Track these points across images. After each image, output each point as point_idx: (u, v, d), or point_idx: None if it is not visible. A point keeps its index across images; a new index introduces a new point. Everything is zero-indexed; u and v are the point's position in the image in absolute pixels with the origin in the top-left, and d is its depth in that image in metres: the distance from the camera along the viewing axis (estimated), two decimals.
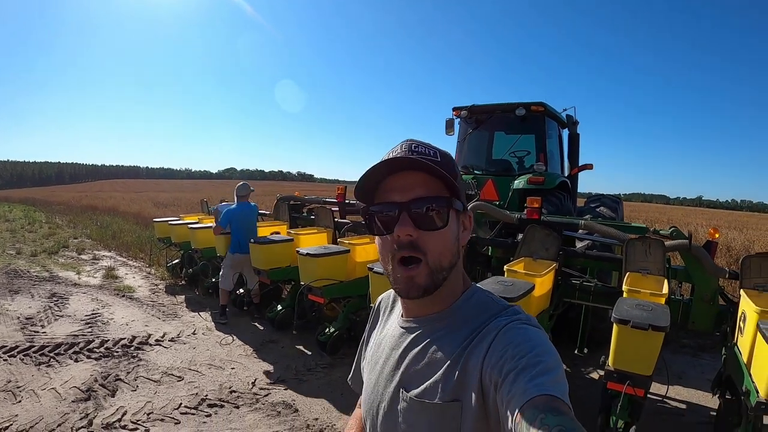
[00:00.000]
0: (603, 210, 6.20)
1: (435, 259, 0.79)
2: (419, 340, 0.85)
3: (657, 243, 3.82)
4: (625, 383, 2.77)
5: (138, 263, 8.92)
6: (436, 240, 0.79)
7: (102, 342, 4.60)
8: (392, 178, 0.81)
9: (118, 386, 3.75)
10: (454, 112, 7.06)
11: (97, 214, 17.06)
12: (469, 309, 0.85)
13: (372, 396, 0.91)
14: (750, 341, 2.89)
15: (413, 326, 0.88)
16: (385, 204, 0.80)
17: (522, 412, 0.62)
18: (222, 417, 3.37)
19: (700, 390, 4.23)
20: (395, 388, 0.85)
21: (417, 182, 0.79)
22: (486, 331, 0.78)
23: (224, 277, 5.62)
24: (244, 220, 5.55)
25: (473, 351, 0.77)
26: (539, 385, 0.64)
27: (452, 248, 0.82)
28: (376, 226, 0.82)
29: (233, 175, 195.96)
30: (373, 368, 0.93)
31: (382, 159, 0.81)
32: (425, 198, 0.78)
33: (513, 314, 0.81)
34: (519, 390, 0.65)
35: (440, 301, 0.85)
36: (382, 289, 3.60)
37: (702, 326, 3.88)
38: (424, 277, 0.79)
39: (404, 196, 0.79)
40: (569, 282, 4.39)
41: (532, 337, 0.74)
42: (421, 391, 0.80)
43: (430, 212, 0.78)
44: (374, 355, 0.95)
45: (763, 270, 3.45)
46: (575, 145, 7.06)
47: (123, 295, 6.43)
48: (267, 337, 5.05)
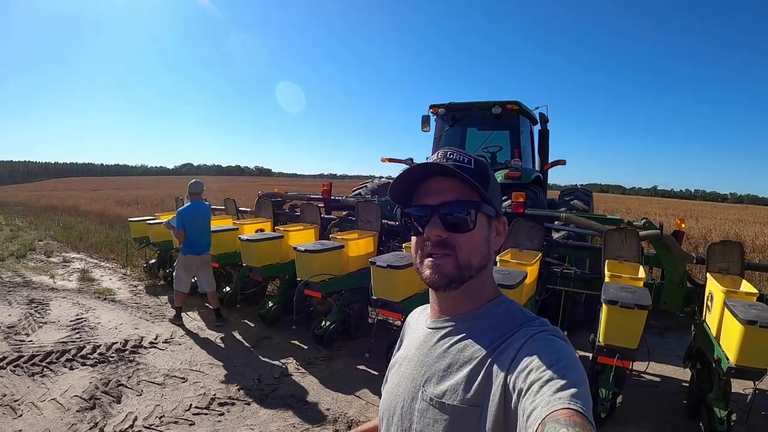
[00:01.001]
0: (577, 203, 6.59)
1: (464, 256, 0.83)
2: (445, 340, 0.87)
3: (632, 233, 4.17)
4: (614, 356, 3.09)
5: (111, 265, 8.70)
6: (465, 240, 0.83)
7: (94, 348, 4.53)
8: (427, 182, 0.87)
9: (122, 392, 3.72)
10: (430, 110, 7.28)
11: (58, 215, 16.34)
12: (497, 316, 0.86)
13: (392, 395, 0.92)
14: (718, 317, 3.27)
15: (440, 326, 0.90)
16: (419, 207, 0.86)
17: (543, 424, 0.62)
18: (235, 415, 3.46)
19: (670, 365, 4.64)
20: (416, 386, 0.86)
21: (448, 187, 0.84)
22: (513, 339, 0.79)
23: (178, 278, 5.42)
24: (198, 220, 5.32)
25: (499, 357, 0.78)
26: (563, 398, 0.64)
27: (482, 249, 0.85)
28: (413, 226, 0.87)
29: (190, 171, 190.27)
30: (398, 369, 0.95)
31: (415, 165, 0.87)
32: (454, 202, 0.83)
33: (541, 325, 0.82)
34: (542, 401, 0.65)
35: (469, 302, 0.88)
36: (384, 282, 3.81)
37: (672, 306, 4.28)
38: (451, 267, 0.82)
39: (435, 199, 0.84)
40: (551, 270, 4.71)
41: (559, 349, 0.75)
42: (442, 391, 0.81)
43: (458, 215, 0.83)
44: (399, 358, 0.98)
45: (726, 255, 3.86)
46: (545, 141, 7.40)
47: (104, 298, 6.30)
48: (261, 334, 5.13)
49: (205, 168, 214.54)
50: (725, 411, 3.09)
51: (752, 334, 2.72)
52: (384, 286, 3.92)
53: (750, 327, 2.71)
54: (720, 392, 3.23)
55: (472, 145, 7.39)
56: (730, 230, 12.54)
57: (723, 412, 3.09)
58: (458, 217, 0.83)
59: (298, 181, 67.06)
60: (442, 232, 0.82)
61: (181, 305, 5.51)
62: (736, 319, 2.80)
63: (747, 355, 2.77)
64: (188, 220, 5.24)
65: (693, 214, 20.27)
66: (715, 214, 23.31)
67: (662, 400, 3.94)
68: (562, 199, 6.84)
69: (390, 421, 0.90)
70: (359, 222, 5.59)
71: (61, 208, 18.12)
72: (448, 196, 0.84)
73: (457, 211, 0.83)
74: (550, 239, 4.91)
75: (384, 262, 3.86)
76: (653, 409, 3.76)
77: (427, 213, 0.85)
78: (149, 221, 7.14)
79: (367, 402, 3.72)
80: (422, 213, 0.86)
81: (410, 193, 0.89)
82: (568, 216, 4.69)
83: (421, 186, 0.88)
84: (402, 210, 0.91)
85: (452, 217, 0.83)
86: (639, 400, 3.87)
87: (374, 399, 3.76)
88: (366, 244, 5.28)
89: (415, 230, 0.87)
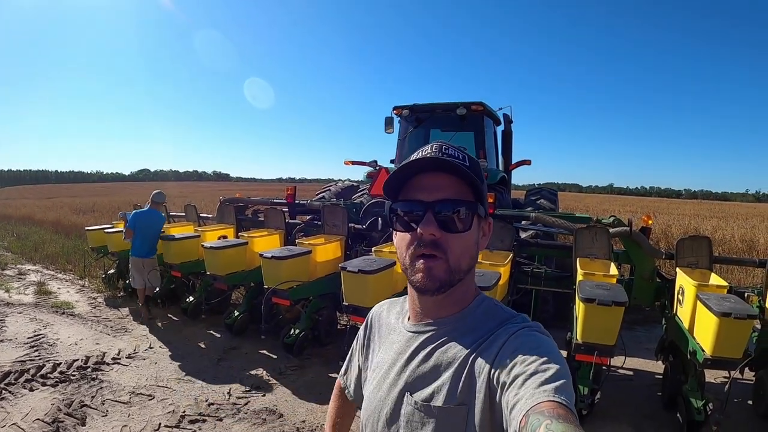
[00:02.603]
0: (543, 202, 6.67)
1: (455, 260, 0.79)
2: (427, 344, 0.85)
3: (602, 231, 4.22)
4: (593, 354, 3.09)
5: (68, 276, 8.27)
6: (457, 242, 0.80)
7: (54, 366, 4.25)
8: (421, 177, 0.81)
9: (87, 413, 3.48)
10: (394, 111, 7.24)
11: (12, 224, 15.49)
12: (478, 315, 0.85)
13: (374, 402, 0.90)
14: (690, 310, 3.32)
15: (422, 330, 0.87)
16: (411, 202, 0.81)
17: (527, 416, 0.62)
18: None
19: (641, 358, 4.72)
20: (400, 391, 0.84)
21: (445, 184, 0.80)
22: (495, 336, 0.79)
23: (132, 278, 5.81)
24: (149, 226, 5.71)
25: (482, 355, 0.78)
26: (547, 391, 0.65)
27: (472, 252, 0.83)
28: (401, 221, 0.82)
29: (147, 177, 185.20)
30: (378, 374, 0.92)
31: (411, 158, 0.82)
32: (452, 200, 0.79)
33: (522, 321, 0.82)
34: (526, 394, 0.66)
35: (451, 305, 0.86)
36: (355, 287, 3.71)
37: (643, 301, 4.35)
38: (443, 271, 0.79)
39: (431, 195, 0.79)
40: (522, 269, 4.72)
41: (541, 343, 0.75)
42: (427, 394, 0.80)
43: (454, 215, 0.79)
44: (379, 362, 0.95)
45: (694, 250, 3.94)
46: (509, 141, 7.45)
47: (63, 312, 5.95)
48: (227, 345, 4.94)
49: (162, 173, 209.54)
50: (702, 401, 3.15)
51: (727, 326, 2.77)
52: (355, 291, 3.81)
53: (725, 319, 2.75)
54: (695, 383, 3.29)
55: None
56: (689, 225, 13.00)
57: (699, 402, 3.14)
58: (454, 217, 0.79)
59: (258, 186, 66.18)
60: (436, 231, 0.78)
61: (143, 300, 5.81)
62: (711, 311, 2.85)
63: (722, 347, 2.83)
64: (140, 224, 5.63)
65: (651, 211, 20.92)
66: (672, 210, 24.26)
67: (637, 393, 3.99)
68: (528, 199, 6.91)
69: (375, 426, 0.88)
70: (325, 226, 5.46)
71: (15, 217, 17.19)
72: (445, 193, 0.80)
73: (452, 210, 0.79)
74: (519, 239, 4.93)
75: (355, 267, 3.75)
76: (630, 403, 3.80)
77: (420, 209, 0.79)
78: (107, 230, 6.80)
79: None
80: (415, 209, 0.80)
81: (400, 187, 0.84)
82: (538, 215, 4.72)
83: (413, 180, 0.82)
84: (391, 204, 0.84)
85: (447, 216, 0.79)
86: (615, 394, 3.90)
87: None
88: (333, 249, 5.17)
89: (405, 226, 0.82)
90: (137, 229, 5.62)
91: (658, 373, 4.27)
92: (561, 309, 5.12)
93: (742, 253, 9.43)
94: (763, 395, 3.49)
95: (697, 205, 35.92)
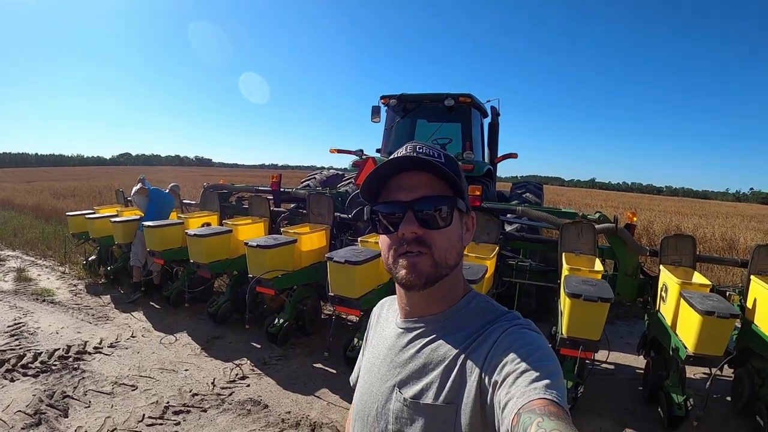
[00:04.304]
0: (529, 196, 6.70)
1: (440, 254, 0.80)
2: (417, 341, 0.85)
3: (588, 226, 4.25)
4: (578, 348, 3.12)
5: (49, 262, 8.09)
6: (441, 237, 0.80)
7: (35, 356, 4.15)
8: (398, 177, 0.82)
9: (69, 404, 3.41)
10: (382, 101, 7.18)
11: None
12: (468, 312, 0.85)
13: (365, 397, 0.91)
14: (673, 308, 3.37)
15: (411, 326, 0.88)
16: (391, 203, 0.82)
17: (519, 414, 0.62)
18: (192, 423, 3.23)
19: (622, 352, 4.79)
20: (390, 388, 0.85)
21: (422, 182, 0.80)
22: (487, 334, 0.79)
23: (135, 254, 5.97)
24: (164, 205, 6.27)
25: (473, 353, 0.78)
26: (538, 388, 0.65)
27: (457, 247, 0.83)
28: (381, 224, 0.83)
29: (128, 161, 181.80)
30: (369, 369, 0.93)
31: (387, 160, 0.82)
32: (430, 197, 0.80)
33: (513, 319, 0.82)
34: (517, 392, 0.66)
35: (440, 301, 0.86)
36: (341, 277, 3.68)
37: (626, 297, 4.41)
38: (428, 266, 0.79)
39: (409, 195, 0.80)
40: (507, 262, 4.74)
41: (532, 341, 0.75)
42: (416, 391, 0.80)
43: (434, 211, 0.79)
44: (371, 356, 0.95)
45: (678, 248, 3.99)
46: (495, 134, 7.46)
47: (43, 300, 5.82)
48: (211, 334, 4.89)
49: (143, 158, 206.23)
50: (683, 396, 3.22)
51: (710, 324, 2.82)
52: (342, 282, 3.80)
53: (708, 317, 2.80)
54: (676, 378, 3.37)
55: (421, 137, 7.35)
56: (670, 222, 13.23)
57: (680, 397, 3.21)
58: (433, 214, 0.80)
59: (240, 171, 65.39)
60: (417, 229, 0.79)
61: (138, 278, 6.05)
62: (694, 310, 2.89)
63: (705, 344, 2.88)
64: (158, 200, 6.21)
65: (632, 207, 21.19)
66: (653, 207, 24.64)
67: (618, 388, 4.06)
68: (514, 192, 6.93)
69: (365, 421, 0.88)
70: (311, 215, 5.41)
71: None
72: (422, 191, 0.80)
73: (432, 206, 0.80)
74: (505, 232, 4.95)
75: (341, 257, 3.73)
76: (611, 397, 3.86)
77: (399, 210, 0.80)
78: (88, 215, 6.66)
79: (329, 402, 3.59)
80: (394, 210, 0.81)
81: (378, 190, 0.85)
82: (524, 209, 4.73)
83: (391, 182, 0.83)
84: (371, 207, 0.85)
85: (427, 214, 0.79)
86: (597, 388, 3.96)
87: (335, 399, 3.65)
88: (318, 238, 5.13)
89: (385, 228, 0.83)
90: (153, 204, 6.11)
91: (639, 368, 4.34)
92: (543, 302, 5.16)
93: (723, 251, 9.62)
94: (741, 392, 3.57)
95: (678, 203, 36.55)
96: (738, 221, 15.94)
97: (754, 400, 3.39)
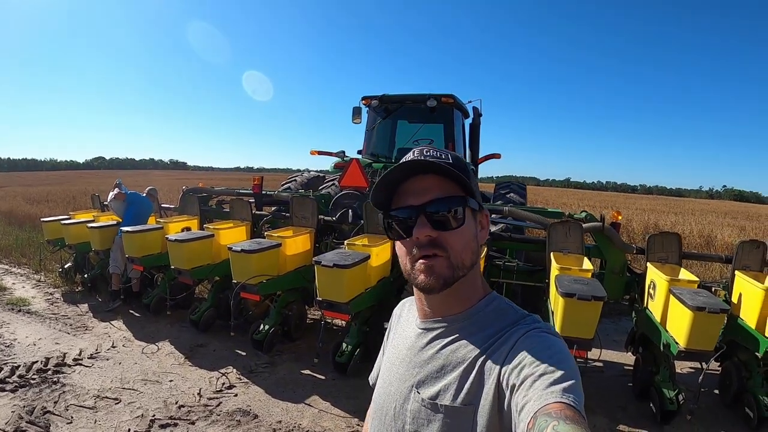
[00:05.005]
0: (513, 196, 6.73)
1: (457, 255, 0.80)
2: (436, 342, 0.86)
3: (576, 225, 4.27)
4: (572, 347, 3.12)
5: (23, 270, 7.81)
6: (456, 238, 0.80)
7: (12, 369, 3.97)
8: (407, 182, 0.82)
9: (50, 420, 3.26)
10: (363, 101, 7.14)
11: None
12: (488, 314, 0.85)
13: (383, 396, 0.91)
14: (662, 304, 3.40)
15: (431, 327, 0.88)
16: (402, 209, 0.81)
17: (535, 417, 0.62)
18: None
19: (610, 349, 4.81)
20: (408, 388, 0.85)
21: (432, 185, 0.80)
22: (506, 337, 0.79)
23: (115, 261, 5.84)
24: (142, 210, 6.15)
25: (492, 355, 0.78)
26: (555, 392, 0.65)
27: (472, 246, 0.83)
28: (395, 231, 0.83)
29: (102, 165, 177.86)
30: (389, 369, 0.93)
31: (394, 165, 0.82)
32: (440, 199, 0.79)
33: (533, 322, 0.82)
34: (534, 396, 0.66)
35: (459, 302, 0.85)
36: (330, 282, 3.61)
37: (613, 295, 4.44)
38: (445, 268, 0.79)
39: (420, 199, 0.80)
40: (494, 263, 4.74)
41: (551, 345, 0.75)
42: (434, 392, 0.80)
43: (447, 212, 0.79)
44: (390, 356, 0.95)
45: (665, 245, 4.04)
46: (477, 134, 7.46)
47: (19, 310, 5.59)
48: (194, 342, 4.77)
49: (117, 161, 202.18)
50: (674, 391, 3.25)
51: (701, 320, 2.85)
52: (330, 286, 3.72)
53: (699, 313, 2.83)
54: (667, 374, 3.40)
55: (403, 138, 7.33)
56: (648, 220, 13.51)
57: (672, 392, 3.24)
58: (446, 215, 0.80)
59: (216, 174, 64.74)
60: (431, 232, 0.79)
61: (117, 286, 5.90)
62: (685, 306, 2.92)
63: (696, 339, 2.92)
64: (136, 204, 6.10)
65: (608, 205, 21.61)
66: (629, 205, 25.14)
67: (609, 385, 4.09)
68: (498, 192, 6.96)
69: (383, 421, 0.89)
70: (294, 218, 5.31)
71: None
72: (433, 193, 0.80)
73: (443, 208, 0.80)
74: (492, 233, 4.94)
75: (329, 261, 3.66)
76: (602, 394, 3.88)
77: (411, 214, 0.80)
78: (64, 221, 6.45)
79: (320, 410, 3.51)
80: (406, 215, 0.81)
81: (389, 197, 0.85)
82: (511, 210, 4.74)
83: (401, 187, 0.84)
84: (384, 214, 0.85)
85: (439, 215, 0.79)
86: (587, 386, 3.91)
87: (326, 406, 3.57)
88: (303, 242, 5.03)
89: (399, 235, 0.83)
90: (131, 207, 6.00)
91: (628, 365, 4.38)
92: (529, 301, 5.17)
93: (701, 248, 9.85)
94: (729, 385, 3.64)
95: (653, 201, 37.38)
96: (713, 218, 16.38)
97: (743, 392, 3.45)
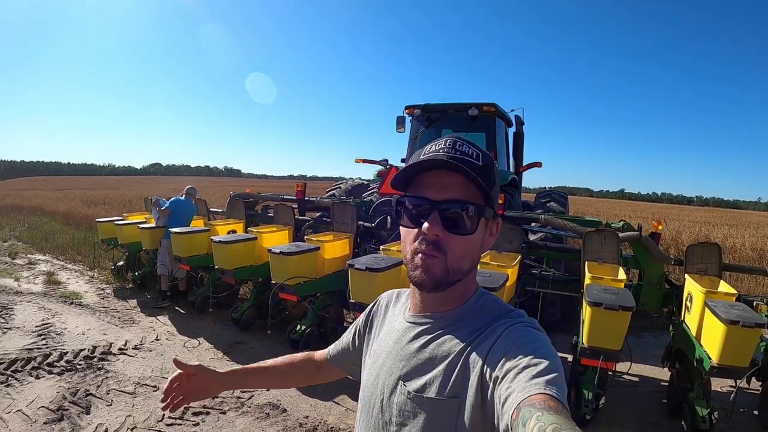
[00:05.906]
0: (553, 205, 6.63)
1: (454, 260, 0.80)
2: (423, 336, 0.87)
3: (611, 235, 4.18)
4: (599, 358, 3.06)
5: (78, 267, 8.36)
6: (460, 243, 0.80)
7: (61, 355, 4.29)
8: (431, 173, 0.81)
9: (91, 402, 3.52)
10: (406, 111, 7.23)
11: (23, 214, 15.70)
12: (475, 311, 0.86)
13: (371, 389, 0.92)
14: (698, 317, 3.28)
15: (419, 321, 0.89)
16: (420, 198, 0.81)
17: (519, 409, 0.63)
18: (210, 425, 3.29)
19: (647, 364, 4.67)
20: (395, 380, 0.86)
21: (454, 183, 0.79)
22: (490, 331, 0.80)
23: (162, 263, 6.10)
24: (185, 213, 6.32)
25: (476, 349, 0.79)
26: (538, 384, 0.65)
27: (474, 254, 0.84)
28: (407, 215, 0.83)
29: (158, 171, 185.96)
30: (375, 361, 0.94)
31: (424, 152, 0.82)
32: (459, 201, 0.79)
33: (517, 317, 0.83)
34: (518, 387, 0.66)
35: (450, 301, 0.87)
36: (362, 284, 3.70)
37: (650, 307, 4.32)
38: (440, 271, 0.80)
39: (439, 195, 0.79)
40: (530, 272, 4.70)
41: (535, 339, 0.76)
42: (420, 385, 0.81)
43: (460, 217, 0.79)
44: (377, 349, 0.96)
45: (704, 257, 3.90)
46: (520, 143, 7.41)
47: (71, 302, 6.02)
48: (233, 339, 4.97)
49: (174, 168, 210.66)
50: (707, 409, 3.12)
51: (735, 334, 2.74)
52: (362, 289, 3.81)
53: (733, 327, 2.72)
54: (701, 391, 3.27)
55: None
56: (699, 232, 12.88)
57: (705, 410, 3.11)
58: (459, 219, 0.79)
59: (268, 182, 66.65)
60: (440, 232, 0.79)
61: (166, 288, 6.18)
62: (719, 319, 2.82)
63: (729, 355, 2.80)
64: (179, 209, 6.24)
65: (661, 217, 20.73)
66: (683, 217, 24.03)
67: (643, 400, 3.96)
68: (538, 201, 6.87)
69: (370, 413, 0.90)
70: (334, 223, 5.46)
71: (26, 208, 17.40)
72: (453, 193, 0.80)
73: (459, 211, 0.79)
74: (528, 241, 4.91)
75: (362, 264, 3.76)
76: (635, 409, 3.76)
77: (427, 206, 0.80)
78: (117, 222, 6.88)
79: (347, 408, 3.60)
80: (422, 204, 0.81)
81: (410, 181, 0.85)
82: (547, 218, 4.69)
83: (424, 176, 0.83)
84: (398, 197, 0.85)
85: (455, 213, 0.79)
86: (620, 400, 3.87)
87: (353, 405, 3.65)
88: (342, 246, 5.17)
89: (411, 221, 0.83)
90: (175, 214, 6.17)
91: (664, 380, 4.22)
92: (568, 312, 5.09)
93: (753, 261, 9.31)
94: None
95: (708, 213, 35.57)
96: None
97: None
